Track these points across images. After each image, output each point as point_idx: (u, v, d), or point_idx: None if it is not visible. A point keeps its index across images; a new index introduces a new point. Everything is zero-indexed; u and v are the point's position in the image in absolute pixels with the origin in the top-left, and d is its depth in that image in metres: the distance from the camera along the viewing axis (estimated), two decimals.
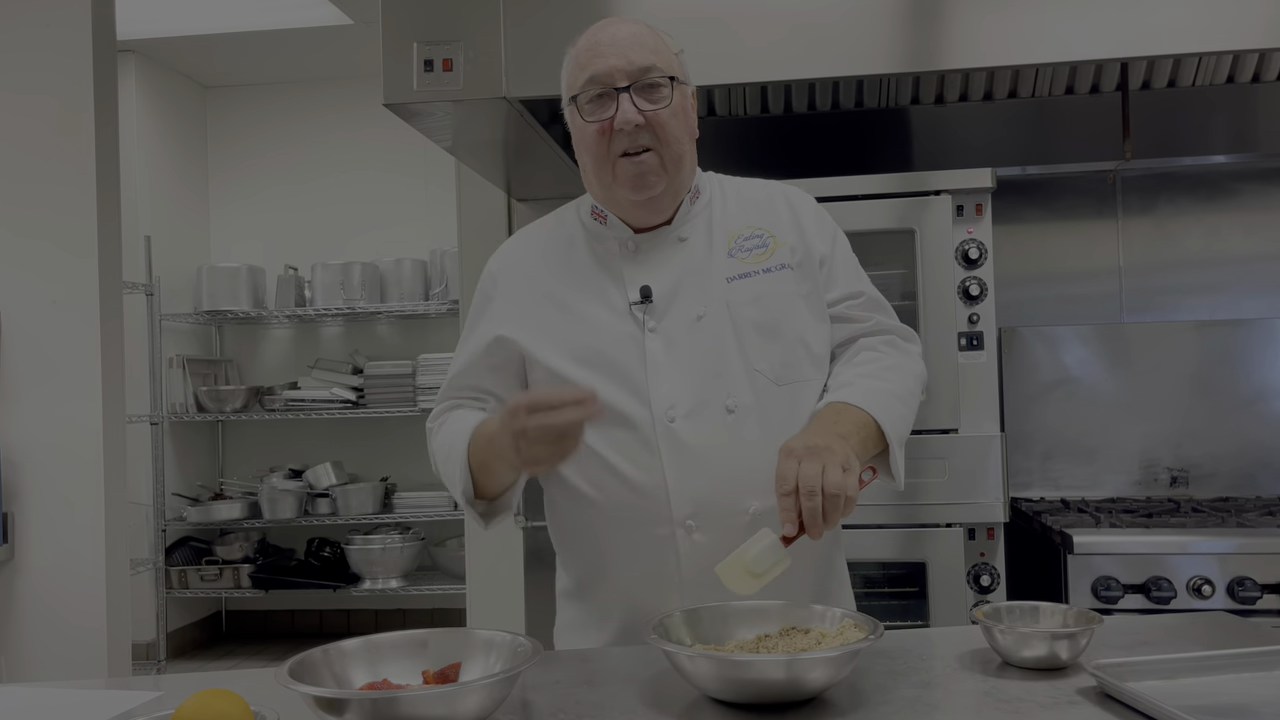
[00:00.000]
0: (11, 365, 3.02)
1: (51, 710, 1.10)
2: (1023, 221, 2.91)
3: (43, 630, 3.00)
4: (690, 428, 1.28)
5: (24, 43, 3.03)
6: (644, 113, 1.28)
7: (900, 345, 1.43)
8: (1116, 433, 2.77)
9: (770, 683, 0.98)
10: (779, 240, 1.37)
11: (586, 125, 1.30)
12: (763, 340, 1.32)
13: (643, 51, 1.29)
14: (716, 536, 1.28)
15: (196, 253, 5.33)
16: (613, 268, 1.35)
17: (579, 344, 1.33)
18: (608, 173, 1.31)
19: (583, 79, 1.29)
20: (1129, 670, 0.98)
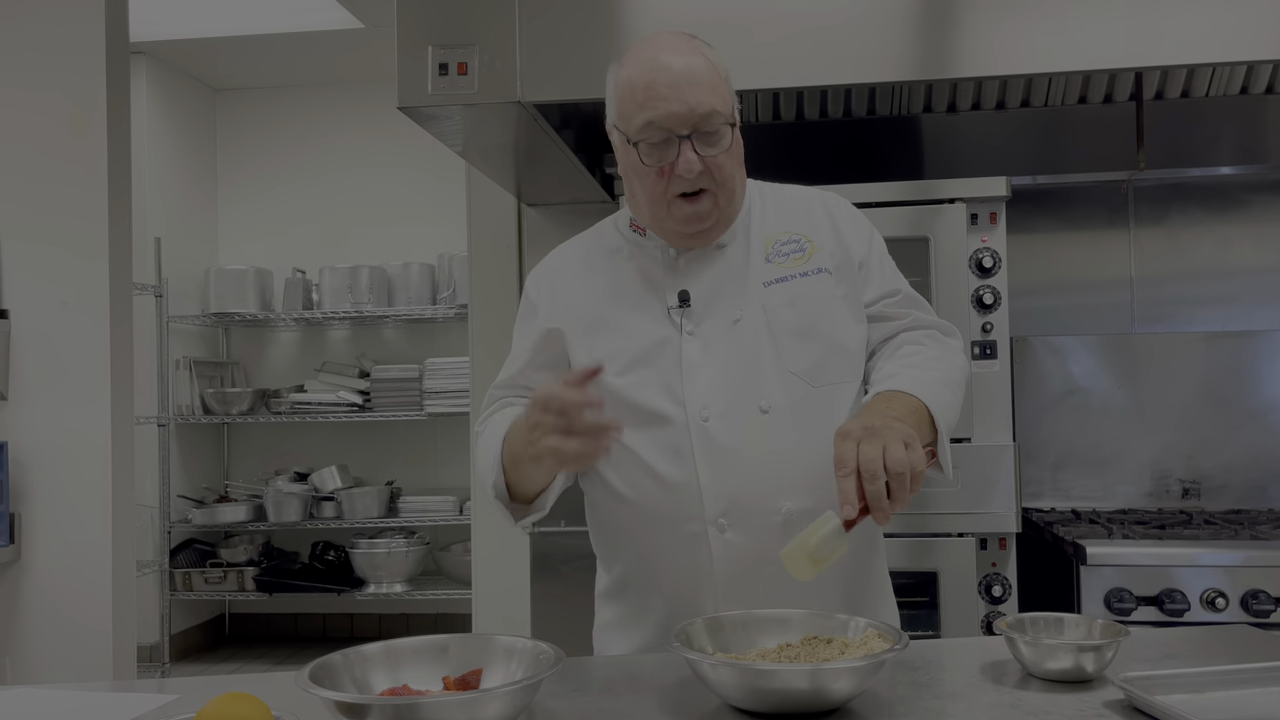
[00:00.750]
0: (21, 365, 3.02)
1: (70, 713, 1.09)
2: (1034, 231, 2.90)
3: (47, 631, 2.99)
4: (723, 427, 1.30)
5: (38, 41, 3.03)
6: (704, 159, 1.27)
7: (941, 340, 1.43)
8: (1128, 443, 2.76)
9: (794, 692, 0.98)
10: (816, 245, 1.38)
11: (644, 167, 1.29)
12: (798, 342, 1.33)
13: (703, 93, 1.27)
14: (748, 535, 1.29)
15: (204, 255, 5.34)
16: (653, 277, 1.37)
17: (617, 346, 1.34)
18: (662, 209, 1.32)
19: (641, 121, 1.28)
20: (1157, 683, 0.97)
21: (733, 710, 1.03)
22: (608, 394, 1.32)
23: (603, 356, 1.32)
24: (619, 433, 1.17)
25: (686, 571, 1.31)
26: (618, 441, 1.30)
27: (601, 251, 1.43)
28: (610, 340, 1.35)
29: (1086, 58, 2.16)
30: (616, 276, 1.40)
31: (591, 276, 1.41)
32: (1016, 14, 2.15)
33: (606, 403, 1.31)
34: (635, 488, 1.33)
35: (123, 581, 3.05)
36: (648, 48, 1.31)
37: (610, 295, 1.38)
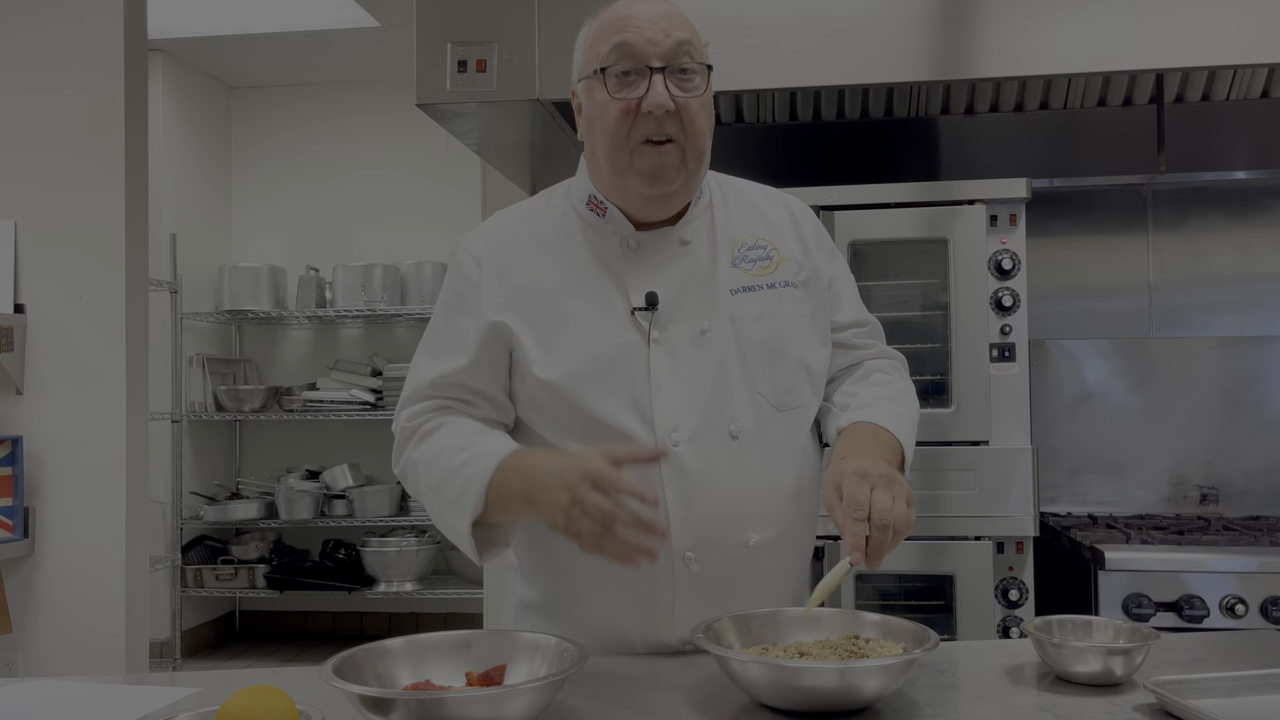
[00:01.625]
0: (37, 360, 3.03)
1: (93, 705, 1.09)
2: (1052, 234, 2.89)
3: (60, 625, 3.00)
4: (694, 453, 1.20)
5: (57, 39, 3.04)
6: (675, 99, 1.18)
7: (901, 371, 1.42)
8: (1145, 449, 2.74)
9: (823, 690, 0.97)
10: (783, 255, 1.31)
11: (610, 101, 1.18)
12: (766, 362, 1.26)
13: (680, 29, 1.20)
14: (713, 568, 1.21)
15: (218, 252, 5.35)
16: (612, 268, 1.25)
17: (577, 350, 1.22)
18: (623, 157, 1.20)
19: (611, 46, 1.19)
20: (1189, 687, 0.96)
21: (758, 708, 1.02)
22: (566, 403, 1.22)
23: (561, 357, 1.22)
24: (661, 538, 1.06)
25: (643, 602, 1.22)
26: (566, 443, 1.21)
27: (556, 232, 1.29)
28: (569, 340, 1.23)
29: (1107, 59, 2.15)
30: (573, 263, 1.26)
31: (545, 260, 1.27)
32: (1036, 15, 2.14)
33: (560, 415, 1.22)
34: None
35: (136, 577, 3.06)
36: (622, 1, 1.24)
37: (567, 285, 1.25)
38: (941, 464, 2.25)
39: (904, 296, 2.42)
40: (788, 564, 1.31)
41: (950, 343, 2.29)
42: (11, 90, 3.05)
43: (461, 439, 1.22)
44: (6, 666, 2.96)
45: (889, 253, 2.42)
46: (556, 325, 1.23)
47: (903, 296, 2.43)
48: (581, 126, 1.27)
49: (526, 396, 1.26)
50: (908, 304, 2.42)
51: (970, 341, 2.28)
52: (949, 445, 2.26)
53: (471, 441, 1.20)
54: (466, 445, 1.20)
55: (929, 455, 2.25)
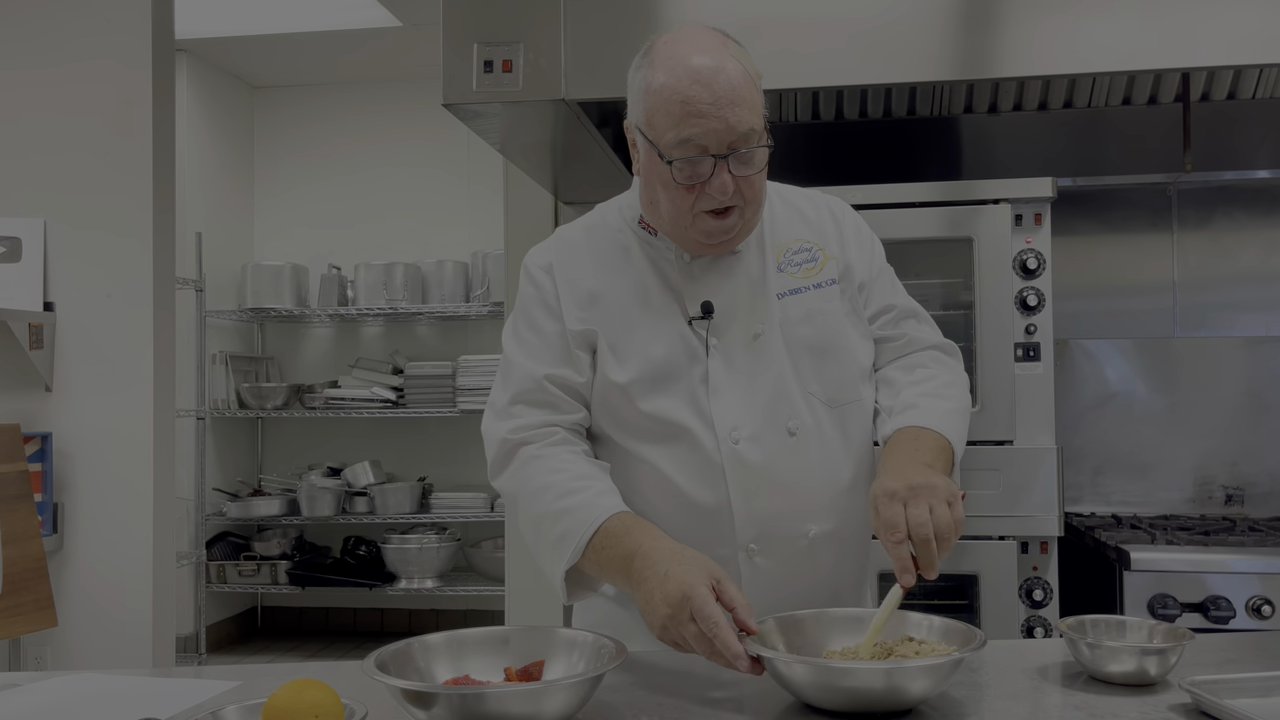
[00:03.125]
0: (66, 357, 3.06)
1: (136, 697, 1.11)
2: (1076, 234, 2.88)
3: (88, 620, 3.03)
4: (754, 449, 1.27)
5: (85, 39, 3.07)
6: (736, 179, 1.22)
7: (945, 360, 1.43)
8: (1170, 449, 2.73)
9: (869, 691, 0.98)
10: (827, 254, 1.36)
11: (675, 184, 1.22)
12: (815, 361, 1.32)
13: (743, 112, 1.20)
14: (777, 560, 1.28)
15: (241, 250, 5.39)
16: (669, 279, 1.32)
17: (643, 356, 1.29)
18: (686, 221, 1.25)
19: (677, 138, 1.20)
20: (1224, 687, 0.96)
21: (800, 707, 1.03)
22: (628, 405, 1.28)
23: (629, 362, 1.28)
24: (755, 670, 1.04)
25: None
26: (636, 456, 1.28)
27: (614, 247, 1.36)
28: (636, 347, 1.30)
29: (1132, 58, 2.14)
30: (633, 276, 1.33)
31: (607, 271, 1.34)
32: (1060, 13, 2.14)
33: (629, 418, 1.28)
34: (661, 511, 1.28)
35: (163, 572, 3.09)
36: (680, 48, 1.22)
37: (630, 295, 1.32)
38: (966, 463, 2.24)
39: (927, 296, 2.42)
40: (847, 554, 1.35)
41: (974, 342, 2.29)
42: (41, 90, 3.08)
43: (569, 480, 1.25)
44: (35, 660, 3.00)
45: (912, 252, 2.42)
46: (624, 331, 1.30)
47: (925, 296, 2.42)
48: (637, 166, 1.31)
49: (598, 397, 1.32)
50: (931, 303, 2.42)
51: (995, 341, 2.28)
52: (973, 445, 2.26)
53: (579, 486, 1.24)
54: (573, 489, 1.24)
55: None
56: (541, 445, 1.30)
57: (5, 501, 1.09)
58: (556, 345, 1.32)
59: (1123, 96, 2.48)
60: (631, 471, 1.31)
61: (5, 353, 2.99)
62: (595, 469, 1.30)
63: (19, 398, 3.04)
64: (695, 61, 1.20)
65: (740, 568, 1.28)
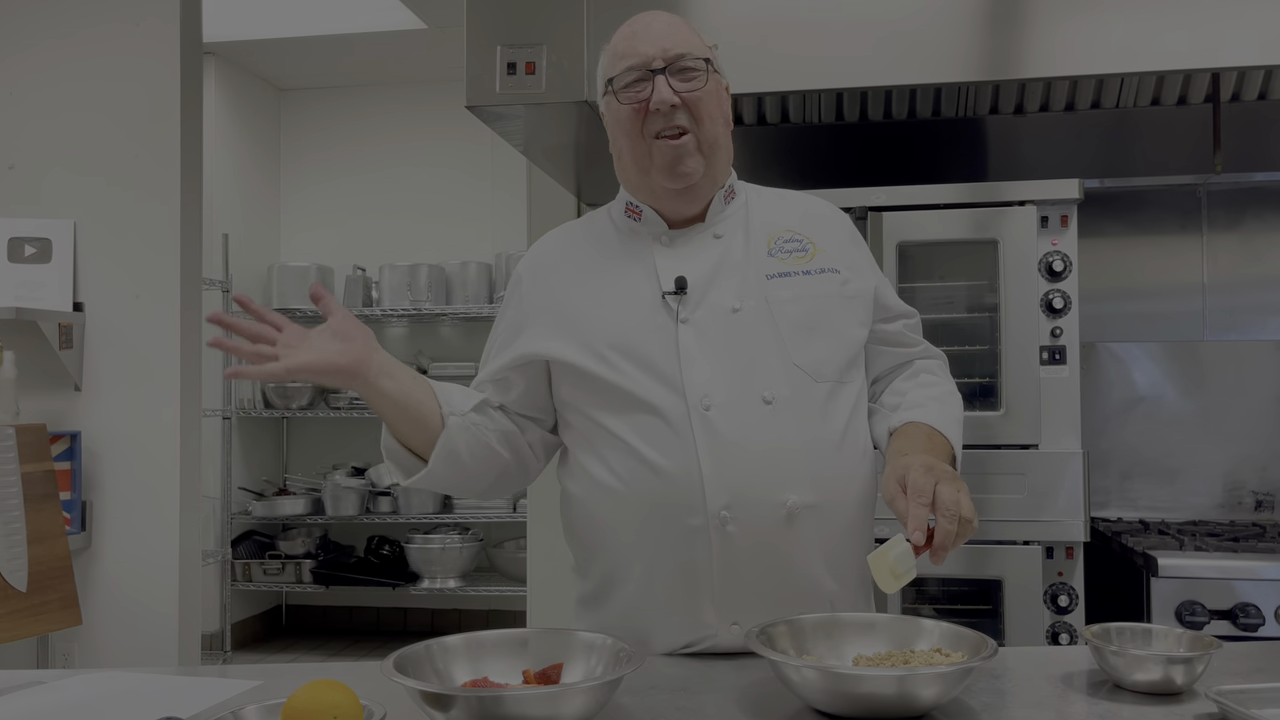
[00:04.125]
0: (95, 357, 3.09)
1: (161, 695, 1.12)
2: (1103, 235, 2.85)
3: (115, 617, 3.06)
4: (725, 417, 1.26)
5: (114, 43, 3.11)
6: (679, 94, 1.29)
7: (945, 371, 1.47)
8: (1199, 453, 2.70)
9: (881, 698, 0.97)
10: (819, 247, 1.38)
11: (622, 107, 1.31)
12: (803, 336, 1.32)
13: (677, 39, 1.31)
14: (751, 530, 1.25)
15: (267, 251, 5.43)
16: (645, 260, 1.35)
17: (605, 334, 1.31)
18: (645, 156, 1.31)
19: (618, 67, 1.32)
20: (1253, 697, 0.95)
21: (810, 713, 1.02)
22: (596, 381, 1.30)
23: (594, 340, 1.32)
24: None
25: (683, 569, 1.26)
26: (605, 429, 1.31)
27: (594, 242, 1.41)
28: (601, 324, 1.32)
29: (1161, 58, 2.11)
30: (608, 264, 1.38)
31: (580, 264, 1.39)
32: (1088, 13, 2.11)
33: (597, 392, 1.32)
34: (628, 480, 1.28)
35: (188, 570, 3.12)
36: (631, 19, 1.36)
37: (600, 280, 1.36)
38: (990, 468, 2.24)
39: (952, 298, 2.40)
40: (832, 533, 1.30)
41: (999, 345, 2.27)
42: (71, 93, 3.12)
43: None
44: (63, 657, 3.03)
45: (937, 254, 2.40)
46: (588, 314, 1.34)
47: (950, 298, 2.41)
48: (610, 137, 1.37)
49: (564, 379, 1.35)
50: (955, 306, 2.40)
51: (1020, 344, 2.26)
52: (998, 449, 2.24)
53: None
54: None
55: (977, 459, 2.23)
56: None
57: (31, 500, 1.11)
58: (498, 359, 1.40)
59: (1151, 97, 2.45)
60: (601, 445, 1.32)
61: (35, 352, 3.02)
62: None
63: (49, 397, 3.07)
64: (641, 17, 1.35)
65: (712, 537, 1.25)
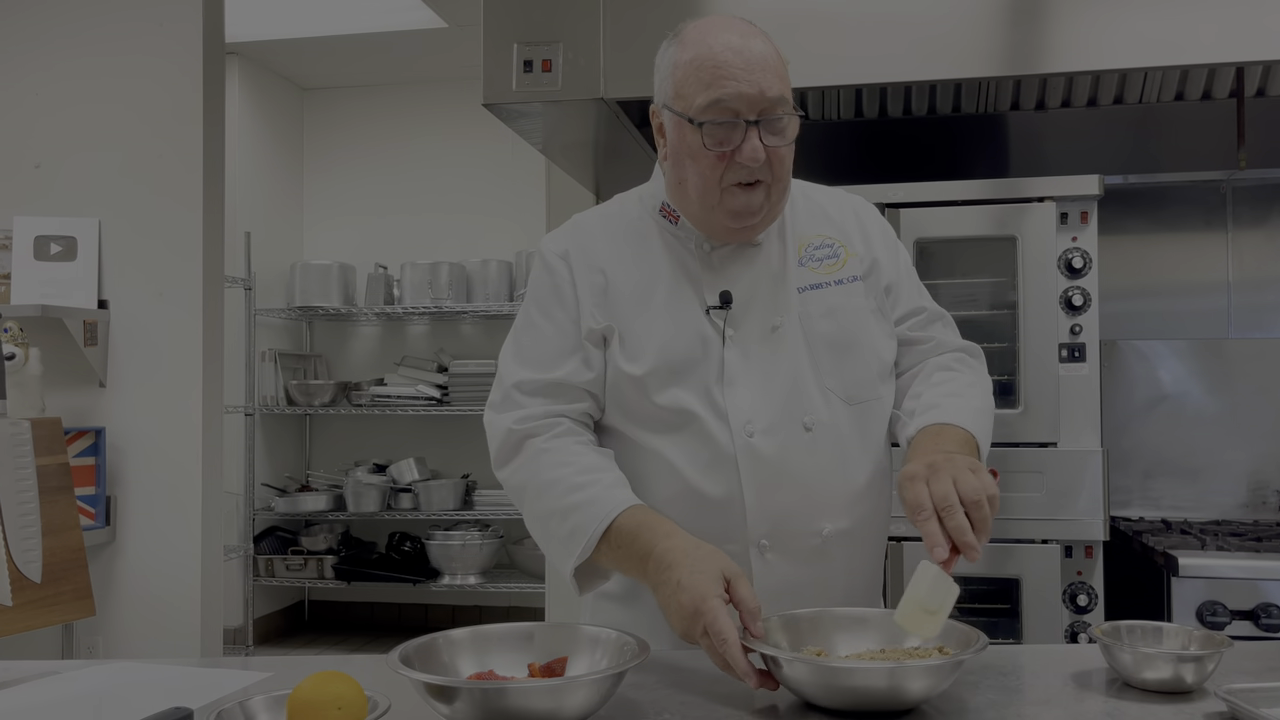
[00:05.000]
0: (119, 355, 3.13)
1: (171, 686, 1.13)
2: (1125, 232, 2.82)
3: (139, 610, 3.10)
4: (769, 443, 1.25)
5: (138, 43, 3.14)
6: (767, 147, 1.21)
7: (969, 362, 1.41)
8: (1222, 452, 2.66)
9: (870, 690, 0.97)
10: (850, 250, 1.35)
11: (704, 151, 1.22)
12: (834, 357, 1.30)
13: (774, 79, 1.21)
14: (788, 557, 1.26)
15: (290, 250, 5.48)
16: (688, 268, 1.31)
17: (658, 346, 1.27)
18: (713, 194, 1.24)
19: (707, 100, 1.20)
20: (1263, 696, 0.93)
21: (816, 708, 1.02)
22: (641, 396, 1.27)
23: (643, 353, 1.27)
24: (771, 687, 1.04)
25: None
26: (645, 448, 1.27)
27: (633, 234, 1.34)
28: (650, 336, 1.28)
29: (1185, 52, 2.09)
30: (650, 264, 1.31)
31: (625, 260, 1.32)
32: (1110, 7, 2.09)
33: (640, 408, 1.27)
34: (671, 503, 1.25)
35: (210, 565, 3.15)
36: (709, 27, 1.24)
37: (647, 285, 1.30)
38: (1008, 465, 2.22)
39: (971, 295, 2.39)
40: (861, 556, 1.33)
41: (1018, 342, 2.25)
42: (96, 94, 3.16)
43: (575, 474, 1.24)
44: (88, 649, 3.07)
45: (956, 251, 2.38)
46: (639, 322, 1.29)
47: (969, 295, 2.39)
48: (664, 150, 1.29)
49: (610, 388, 1.30)
50: (974, 303, 2.39)
51: (1039, 341, 2.24)
52: (1016, 447, 2.23)
53: (586, 480, 1.23)
54: (581, 484, 1.22)
55: (995, 456, 2.22)
56: (548, 437, 1.28)
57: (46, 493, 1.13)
58: (566, 335, 1.30)
59: (1175, 92, 2.42)
60: (641, 463, 1.29)
61: (61, 349, 3.07)
62: (603, 460, 1.27)
63: (74, 393, 3.12)
64: (725, 35, 1.22)
65: (751, 564, 1.26)
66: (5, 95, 3.20)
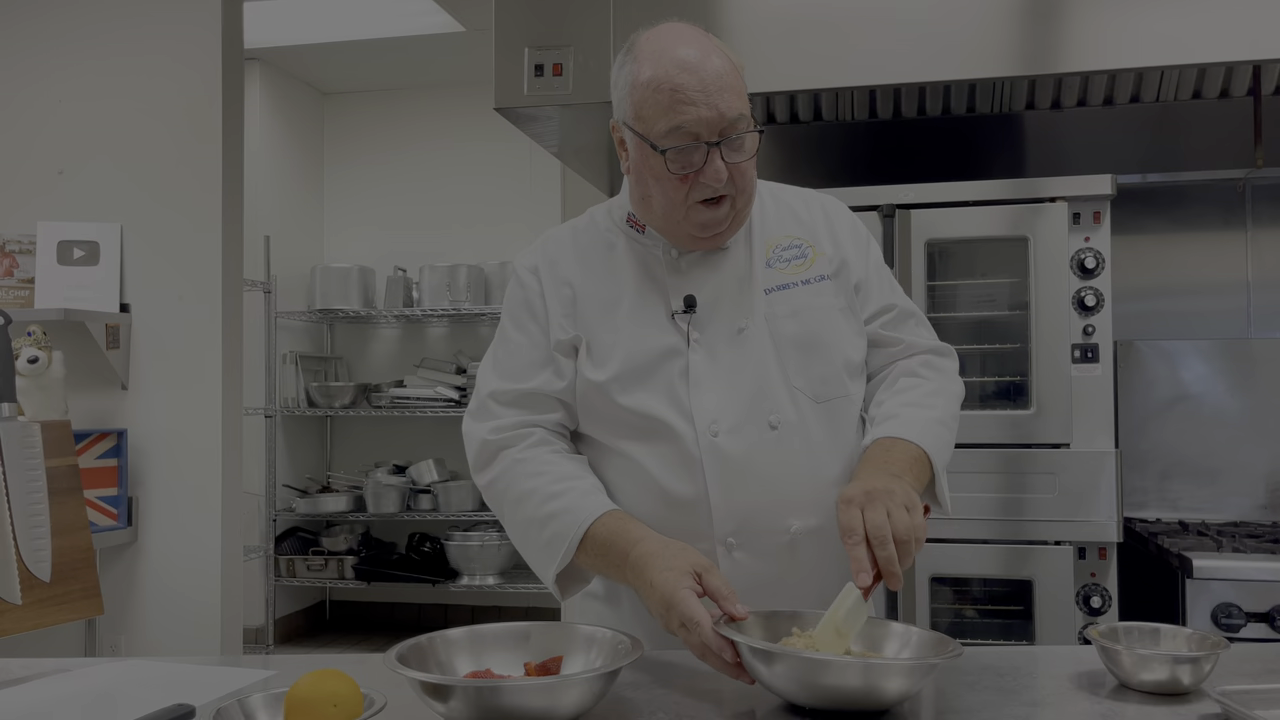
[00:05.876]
0: (141, 357, 3.18)
1: (178, 683, 1.15)
2: (1143, 232, 2.80)
3: (160, 609, 3.14)
4: (734, 442, 1.27)
5: (159, 49, 3.19)
6: (729, 165, 1.23)
7: (937, 364, 1.41)
8: (1241, 453, 2.64)
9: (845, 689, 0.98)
10: (817, 250, 1.36)
11: (668, 174, 1.23)
12: (801, 356, 1.31)
13: (731, 97, 1.21)
14: (757, 556, 1.27)
15: (311, 253, 5.53)
16: (655, 274, 1.33)
17: (623, 354, 1.30)
18: (678, 209, 1.26)
19: (667, 126, 1.21)
20: (1257, 698, 0.93)
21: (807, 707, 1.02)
22: (608, 402, 1.29)
23: (608, 361, 1.29)
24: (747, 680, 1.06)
25: None
26: (613, 450, 1.30)
27: (599, 246, 1.37)
28: (616, 345, 1.30)
29: (1201, 51, 2.08)
30: (617, 274, 1.34)
31: (591, 271, 1.35)
32: (1126, 6, 2.08)
33: (608, 414, 1.29)
34: (639, 505, 1.28)
35: (230, 565, 3.19)
36: (663, 41, 1.23)
37: (612, 294, 1.33)
38: (1021, 467, 2.21)
39: (983, 296, 2.38)
40: (832, 553, 1.29)
41: (1030, 343, 2.24)
42: (117, 100, 3.21)
43: (550, 483, 1.27)
44: (110, 648, 3.12)
45: (968, 252, 2.37)
46: (605, 330, 1.31)
47: (981, 296, 2.38)
48: (626, 164, 1.31)
49: (580, 396, 1.33)
50: (986, 303, 2.38)
51: (1051, 342, 2.23)
52: (1029, 448, 2.22)
53: (561, 489, 1.26)
54: (556, 493, 1.26)
55: (1008, 458, 2.21)
56: (522, 447, 1.31)
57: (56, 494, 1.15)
58: (539, 347, 1.34)
59: (1192, 90, 2.40)
60: (610, 466, 1.32)
61: (84, 353, 3.11)
62: (576, 468, 1.31)
63: (97, 395, 3.16)
64: (680, 52, 1.21)
65: (719, 562, 1.26)
66: (30, 102, 3.25)
